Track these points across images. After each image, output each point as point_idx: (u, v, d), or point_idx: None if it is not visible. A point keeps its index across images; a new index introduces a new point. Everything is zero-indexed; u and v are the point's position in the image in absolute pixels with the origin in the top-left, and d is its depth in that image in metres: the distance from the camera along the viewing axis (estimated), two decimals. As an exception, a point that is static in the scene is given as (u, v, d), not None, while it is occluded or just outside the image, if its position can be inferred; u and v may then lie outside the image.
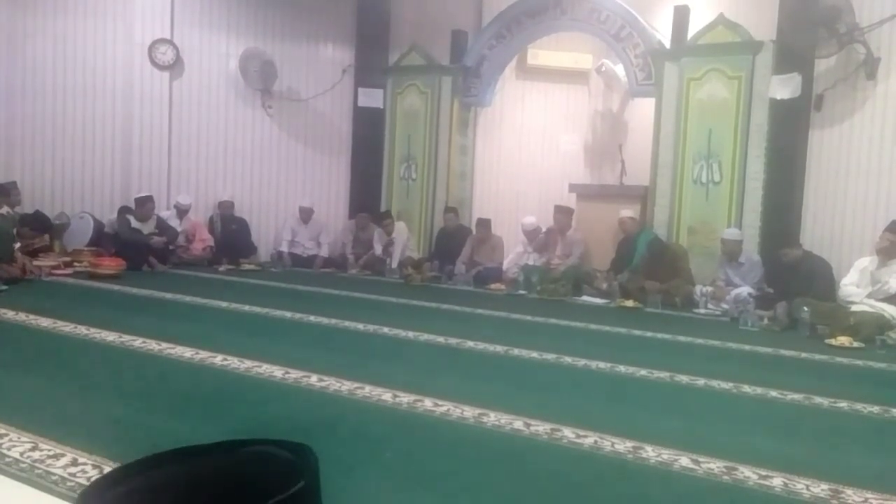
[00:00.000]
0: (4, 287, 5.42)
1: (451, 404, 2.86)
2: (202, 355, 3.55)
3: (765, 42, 6.58)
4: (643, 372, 3.68)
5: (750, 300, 5.76)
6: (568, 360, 3.90)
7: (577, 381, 3.56)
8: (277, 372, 3.29)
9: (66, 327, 4.13)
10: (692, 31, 7.07)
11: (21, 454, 2.14)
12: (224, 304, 5.32)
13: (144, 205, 7.39)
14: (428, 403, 2.88)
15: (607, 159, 8.99)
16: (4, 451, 2.15)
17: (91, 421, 2.54)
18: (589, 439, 2.52)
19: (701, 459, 2.36)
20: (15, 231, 6.50)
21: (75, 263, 6.96)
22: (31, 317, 4.37)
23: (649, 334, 4.95)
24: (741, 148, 6.65)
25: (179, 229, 7.96)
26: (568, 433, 2.58)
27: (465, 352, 4.08)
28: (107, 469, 2.05)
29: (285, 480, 0.67)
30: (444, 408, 2.83)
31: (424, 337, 4.39)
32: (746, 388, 3.43)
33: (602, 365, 3.80)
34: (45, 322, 4.25)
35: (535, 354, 3.99)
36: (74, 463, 2.09)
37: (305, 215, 8.61)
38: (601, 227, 7.58)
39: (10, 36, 7.99)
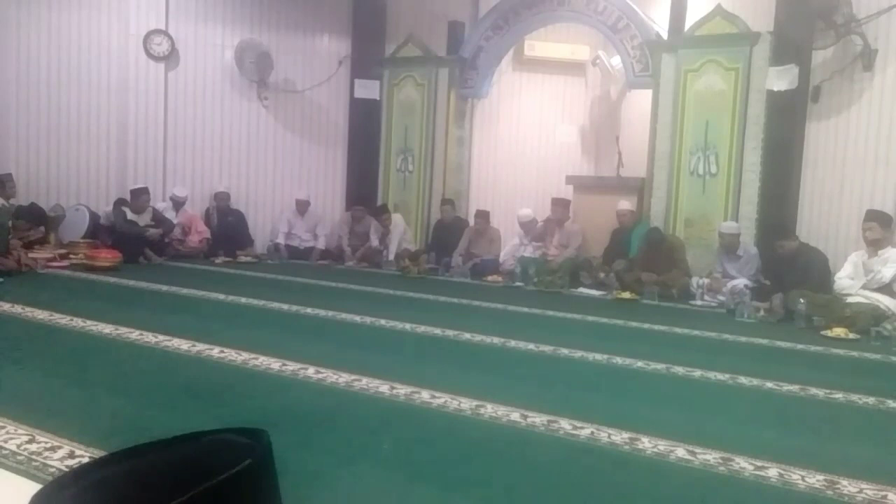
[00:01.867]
0: (0, 279, 5.41)
1: (448, 396, 2.87)
2: (199, 347, 3.55)
3: (762, 33, 6.56)
4: (640, 363, 3.69)
5: (746, 292, 5.77)
6: (565, 351, 3.91)
7: (574, 372, 3.57)
8: (274, 364, 3.29)
9: (63, 320, 4.12)
10: (689, 22, 7.05)
11: (18, 446, 2.14)
12: (221, 297, 5.31)
13: (139, 196, 7.36)
14: (425, 395, 2.88)
15: (604, 151, 8.98)
16: (1, 444, 2.15)
17: (88, 413, 2.54)
18: (586, 430, 2.53)
19: (697, 450, 2.37)
20: (10, 223, 6.47)
21: (71, 256, 6.94)
22: (27, 309, 4.37)
23: (646, 326, 4.96)
24: (738, 139, 6.64)
25: (176, 221, 7.94)
26: (565, 424, 2.58)
27: (463, 343, 4.08)
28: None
29: (236, 462, 0.68)
30: (441, 399, 2.83)
31: (421, 329, 4.40)
32: (742, 380, 3.44)
33: (599, 357, 3.81)
34: (41, 314, 4.25)
35: (531, 346, 4.00)
36: (71, 455, 2.09)
37: (302, 207, 8.59)
38: (598, 218, 7.57)
39: (3, 26, 7.93)
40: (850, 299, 5.20)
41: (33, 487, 1.89)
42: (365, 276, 7.22)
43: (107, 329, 3.90)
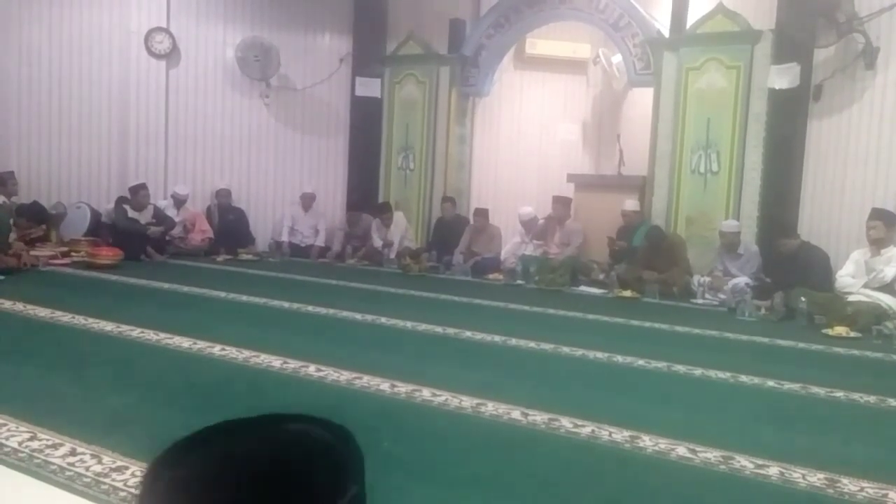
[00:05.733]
0: (1, 277, 5.41)
1: (449, 394, 2.87)
2: (200, 345, 3.55)
3: (764, 31, 6.55)
4: (640, 362, 3.69)
5: (747, 290, 5.76)
6: (566, 349, 3.90)
7: (575, 370, 3.57)
8: (276, 362, 3.29)
9: (64, 317, 4.12)
10: (691, 20, 7.04)
11: (19, 444, 2.14)
12: (222, 295, 5.31)
13: (138, 192, 7.35)
14: (426, 393, 2.89)
15: (605, 149, 8.97)
16: (3, 441, 2.16)
17: (89, 411, 2.54)
18: (586, 429, 2.53)
19: (698, 449, 2.36)
20: (11, 221, 6.47)
21: (73, 253, 6.94)
22: (29, 307, 4.37)
23: (647, 324, 4.95)
24: (739, 138, 6.63)
25: (177, 219, 7.94)
26: (565, 423, 2.58)
27: (463, 341, 4.08)
28: (105, 459, 2.05)
29: (334, 479, 0.59)
30: (442, 397, 2.84)
31: (422, 327, 4.40)
32: (743, 378, 3.44)
33: (599, 355, 3.80)
34: (42, 312, 4.25)
35: (532, 344, 4.00)
36: (73, 453, 2.09)
37: (307, 202, 8.59)
38: (599, 217, 7.57)
39: (5, 24, 7.93)
40: (851, 298, 5.19)
41: (34, 485, 1.90)
42: (366, 274, 7.22)
43: (108, 327, 3.91)
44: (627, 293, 6.27)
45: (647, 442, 2.42)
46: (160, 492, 0.56)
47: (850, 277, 5.39)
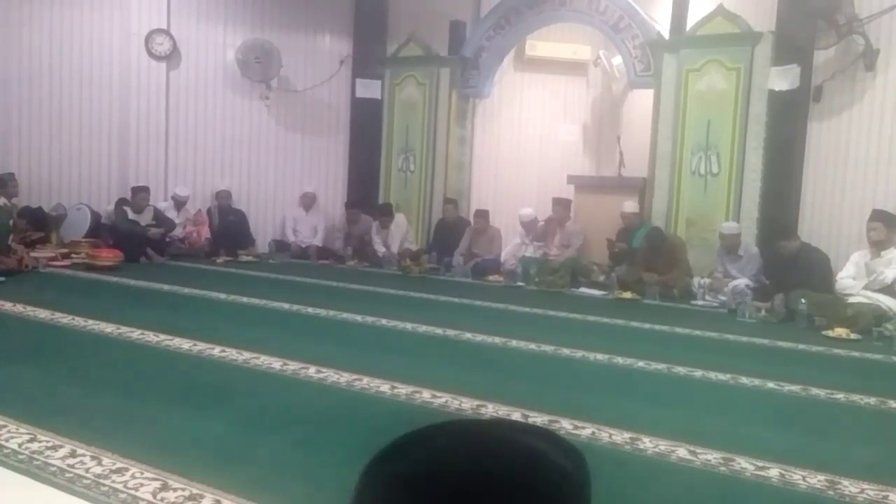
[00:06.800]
0: (2, 279, 5.41)
1: (449, 395, 2.87)
2: (200, 347, 3.55)
3: (764, 33, 6.55)
4: (641, 363, 3.69)
5: (748, 292, 5.76)
6: (566, 351, 3.90)
7: (575, 372, 3.57)
8: (276, 363, 3.29)
9: (64, 319, 4.12)
10: (691, 21, 7.05)
11: (19, 445, 2.14)
12: (222, 296, 5.31)
13: (137, 195, 7.36)
14: (426, 395, 2.89)
15: (606, 151, 8.97)
16: (3, 443, 2.16)
17: (89, 412, 2.54)
18: (586, 430, 2.53)
19: (698, 450, 2.36)
20: (11, 223, 6.47)
21: (73, 255, 6.94)
22: (29, 308, 4.37)
23: (647, 326, 4.95)
24: (740, 139, 6.63)
25: (177, 221, 7.94)
26: (566, 424, 2.58)
27: (463, 343, 4.08)
28: (105, 460, 2.05)
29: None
30: (442, 399, 2.84)
31: (422, 328, 4.40)
32: (744, 380, 3.44)
33: (600, 356, 3.80)
34: (42, 314, 4.25)
35: (532, 346, 3.99)
36: (73, 454, 2.09)
37: (307, 202, 8.60)
38: (600, 218, 7.56)
39: (6, 25, 7.93)
40: (851, 299, 5.19)
41: (34, 486, 1.90)
42: (366, 275, 7.21)
43: (108, 328, 3.91)
44: (628, 295, 6.27)
45: (648, 444, 2.42)
46: (372, 489, 0.54)
47: (851, 279, 5.39)
